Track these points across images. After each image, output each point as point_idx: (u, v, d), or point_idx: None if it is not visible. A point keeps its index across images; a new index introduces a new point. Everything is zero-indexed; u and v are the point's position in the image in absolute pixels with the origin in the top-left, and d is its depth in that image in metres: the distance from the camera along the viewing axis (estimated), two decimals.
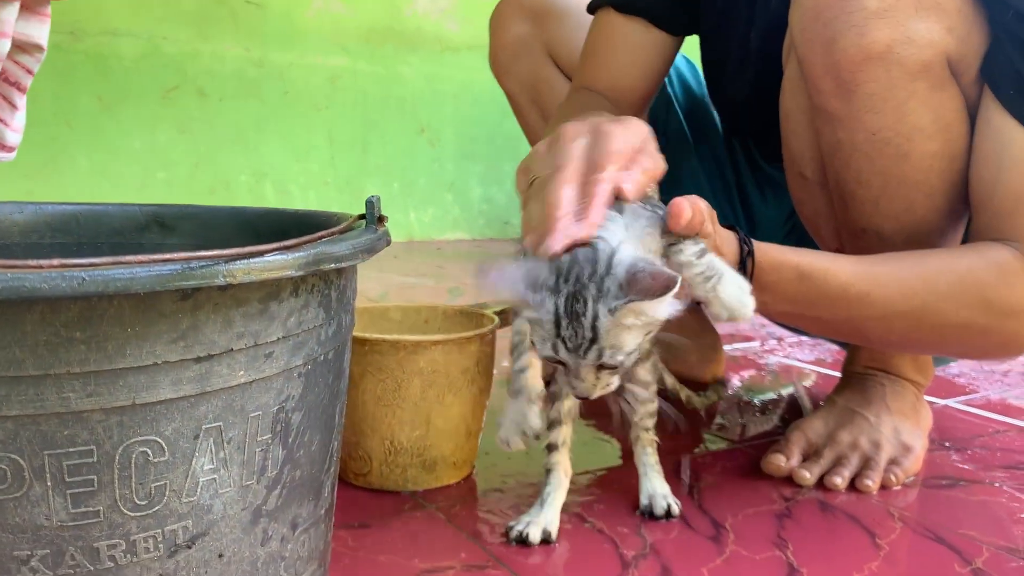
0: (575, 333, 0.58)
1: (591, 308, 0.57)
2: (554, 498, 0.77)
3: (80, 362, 0.40)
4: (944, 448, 1.05)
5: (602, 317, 0.57)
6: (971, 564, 0.75)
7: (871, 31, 0.71)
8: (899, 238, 0.80)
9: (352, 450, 0.85)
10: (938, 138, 0.76)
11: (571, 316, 0.58)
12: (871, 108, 0.75)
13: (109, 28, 2.55)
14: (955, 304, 0.75)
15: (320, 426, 0.53)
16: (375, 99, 3.03)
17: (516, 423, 0.72)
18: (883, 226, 0.80)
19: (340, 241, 0.49)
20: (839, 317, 0.77)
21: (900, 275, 0.76)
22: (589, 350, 0.58)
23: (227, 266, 0.41)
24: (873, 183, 0.78)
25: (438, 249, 2.98)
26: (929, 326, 0.76)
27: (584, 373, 0.61)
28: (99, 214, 0.71)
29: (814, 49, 0.75)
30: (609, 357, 0.59)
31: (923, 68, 0.73)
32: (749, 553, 0.75)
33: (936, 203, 0.79)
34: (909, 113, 0.75)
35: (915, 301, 0.74)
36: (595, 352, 0.58)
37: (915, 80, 0.73)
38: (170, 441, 0.43)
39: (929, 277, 0.75)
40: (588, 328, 0.58)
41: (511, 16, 1.17)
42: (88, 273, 0.37)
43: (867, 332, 0.79)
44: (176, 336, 0.42)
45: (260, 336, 0.46)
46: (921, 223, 0.80)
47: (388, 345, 0.81)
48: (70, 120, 2.52)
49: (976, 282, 0.74)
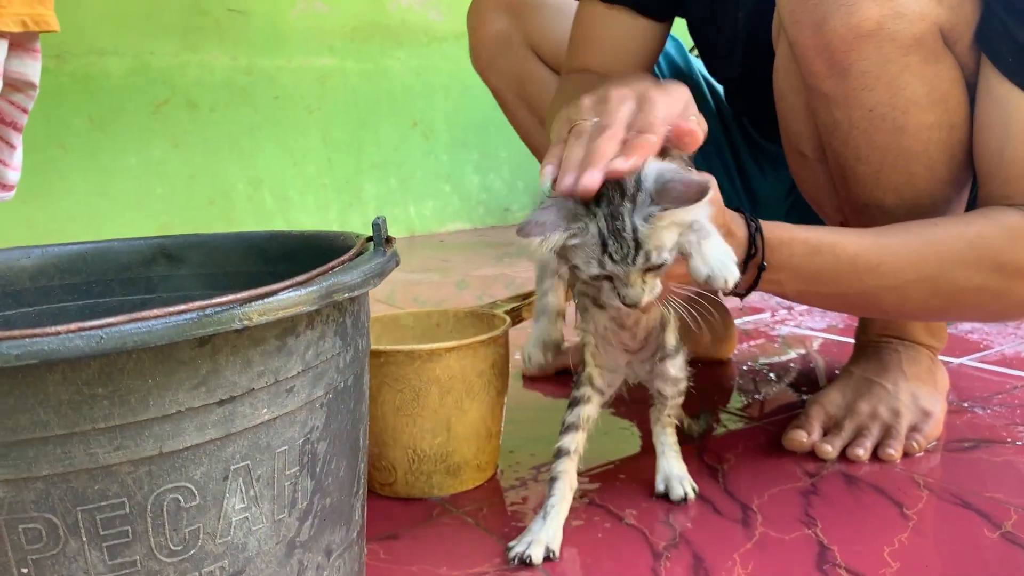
0: (620, 246, 0.61)
1: (629, 222, 0.61)
2: (558, 511, 0.75)
3: (104, 417, 0.40)
4: (963, 409, 1.05)
5: (640, 227, 0.61)
6: (1001, 528, 0.75)
7: (860, 9, 0.71)
8: (902, 210, 0.80)
9: (376, 461, 0.86)
10: (935, 109, 0.75)
11: (613, 233, 0.61)
12: (865, 86, 0.74)
13: (94, 48, 2.54)
14: (968, 269, 0.74)
15: (346, 451, 0.53)
16: (366, 96, 3.02)
17: (538, 338, 0.76)
18: (885, 199, 0.80)
19: (351, 269, 0.49)
20: (854, 290, 0.77)
21: (910, 244, 0.75)
22: (636, 256, 0.61)
23: (243, 309, 0.41)
24: (872, 158, 0.78)
25: (440, 241, 2.98)
26: (945, 293, 0.76)
27: (633, 279, 0.63)
28: (105, 251, 0.71)
29: (804, 31, 0.74)
30: (656, 258, 0.62)
31: (915, 41, 0.72)
32: (779, 534, 0.76)
33: (937, 173, 0.78)
34: (904, 87, 0.74)
35: (927, 269, 0.74)
36: (642, 256, 0.61)
37: (908, 54, 0.73)
38: (200, 485, 0.44)
39: (939, 244, 0.75)
40: (631, 239, 0.61)
41: (489, 11, 1.16)
42: (105, 332, 0.37)
43: (883, 304, 0.79)
44: (197, 382, 0.42)
45: (280, 372, 0.46)
46: (923, 194, 0.79)
47: (403, 355, 0.81)
48: (63, 142, 2.51)
49: (987, 246, 0.74)
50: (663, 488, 0.83)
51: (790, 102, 0.84)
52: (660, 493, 0.83)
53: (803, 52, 0.76)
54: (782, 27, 0.79)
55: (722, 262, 0.63)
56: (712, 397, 1.14)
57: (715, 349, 1.28)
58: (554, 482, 0.76)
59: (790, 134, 0.87)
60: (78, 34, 2.50)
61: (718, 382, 1.21)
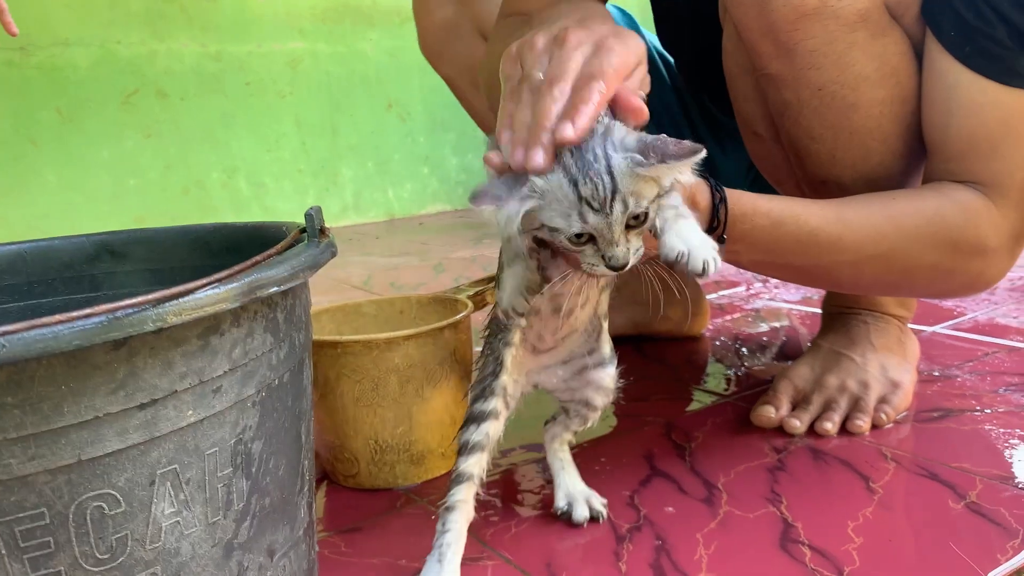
0: (595, 188, 0.55)
1: (602, 154, 0.55)
2: (455, 550, 0.66)
3: (16, 427, 0.39)
4: (934, 378, 1.05)
5: (617, 162, 0.55)
6: (965, 498, 0.75)
7: None
8: (860, 185, 0.79)
9: (338, 453, 0.85)
10: (885, 84, 0.74)
11: (584, 172, 0.55)
12: (813, 65, 0.73)
13: (59, 39, 2.50)
14: (923, 246, 0.74)
15: (285, 450, 0.52)
16: (339, 79, 2.99)
17: (517, 286, 0.66)
18: (842, 176, 0.79)
19: (279, 263, 0.48)
20: (811, 263, 0.76)
21: (871, 219, 0.74)
22: (614, 202, 0.55)
23: (157, 310, 0.40)
24: (826, 137, 0.77)
25: (420, 224, 2.96)
26: (899, 269, 0.75)
27: (617, 235, 0.57)
28: (46, 250, 0.69)
29: (748, 13, 0.73)
30: (634, 205, 0.56)
31: (860, 17, 0.71)
32: (743, 512, 0.75)
33: (892, 147, 0.77)
34: (852, 63, 0.73)
35: (885, 244, 0.73)
36: (620, 203, 0.55)
37: (854, 31, 0.71)
38: (125, 491, 0.43)
39: (898, 220, 0.73)
40: (606, 175, 0.55)
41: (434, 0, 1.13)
42: (6, 339, 0.36)
43: (839, 277, 0.78)
44: (114, 386, 0.41)
45: (204, 373, 0.45)
46: (879, 168, 0.78)
47: (360, 345, 0.80)
48: (33, 137, 2.48)
49: (943, 223, 0.73)
50: (564, 505, 0.76)
51: (740, 83, 0.83)
52: (562, 511, 0.75)
53: (748, 34, 0.74)
54: (726, 9, 0.77)
55: (701, 242, 0.57)
56: (683, 375, 1.13)
57: (687, 325, 1.27)
58: (449, 513, 0.67)
59: (743, 115, 0.86)
60: (42, 25, 2.46)
61: (690, 359, 1.20)
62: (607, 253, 0.57)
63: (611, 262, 0.58)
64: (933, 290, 0.86)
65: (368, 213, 3.08)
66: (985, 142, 0.72)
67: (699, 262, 0.56)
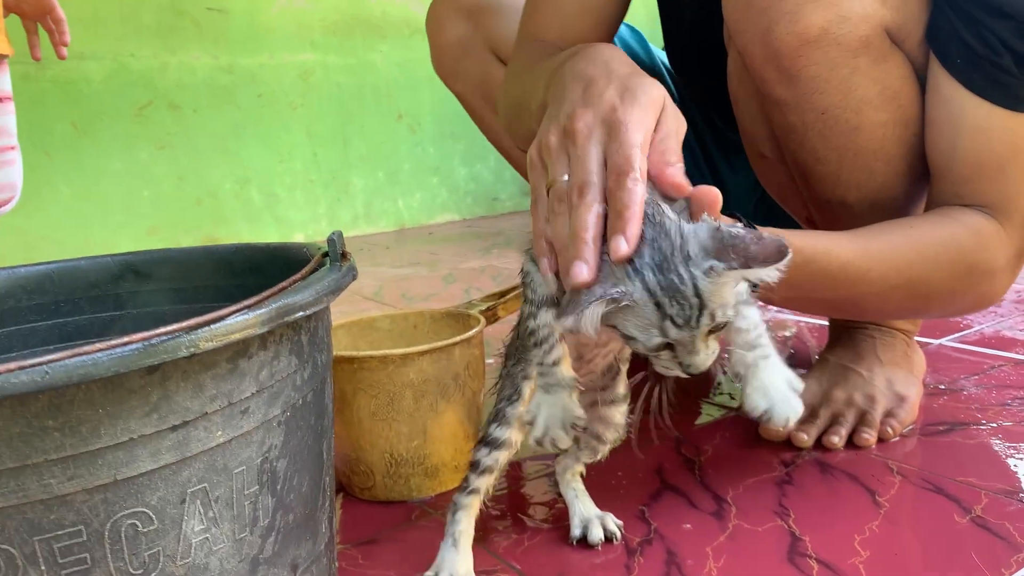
0: (682, 308, 0.53)
1: (688, 277, 0.52)
2: (467, 537, 0.71)
3: (56, 448, 0.41)
4: (940, 391, 1.06)
5: (701, 282, 0.52)
6: (970, 512, 0.76)
7: (804, 16, 0.71)
8: (865, 205, 0.80)
9: (354, 466, 0.86)
10: (888, 107, 0.76)
11: (670, 293, 0.53)
12: (816, 89, 0.75)
13: (74, 52, 2.52)
14: (943, 272, 0.76)
15: (308, 467, 0.54)
16: (350, 91, 3.01)
17: (559, 418, 0.63)
18: (847, 196, 0.81)
19: (304, 288, 0.50)
20: (839, 296, 0.77)
21: (895, 250, 0.76)
22: (700, 318, 0.53)
23: (190, 336, 0.42)
24: (830, 159, 0.79)
25: (430, 234, 2.98)
26: (921, 296, 0.77)
27: (699, 345, 0.55)
28: (72, 270, 0.71)
29: (751, 40, 0.74)
30: (721, 316, 0.54)
31: (862, 43, 0.72)
32: (751, 526, 0.77)
33: (896, 168, 0.79)
34: (855, 88, 0.74)
35: (909, 273, 0.75)
36: (707, 317, 0.53)
37: (856, 56, 0.73)
38: (157, 509, 0.44)
39: (920, 248, 0.75)
40: (692, 297, 0.53)
41: (447, 17, 1.15)
42: (50, 367, 0.38)
43: (864, 307, 0.80)
44: (148, 409, 0.43)
45: (233, 395, 0.47)
46: (884, 188, 0.80)
47: (376, 361, 0.82)
48: (47, 149, 2.51)
49: (960, 248, 0.75)
50: (580, 532, 0.76)
51: (745, 106, 0.85)
52: (578, 539, 0.76)
53: (752, 60, 0.76)
54: (730, 36, 0.79)
55: (783, 396, 0.56)
56: (692, 387, 1.15)
57: None
58: (459, 510, 0.71)
59: (749, 136, 0.88)
60: None
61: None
62: (686, 361, 0.56)
63: (689, 369, 0.56)
64: (946, 311, 0.88)
65: (378, 223, 3.10)
66: (991, 166, 0.74)
67: (781, 420, 0.56)
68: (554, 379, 0.63)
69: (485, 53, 1.14)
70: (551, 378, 0.63)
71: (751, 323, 0.57)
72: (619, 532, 0.76)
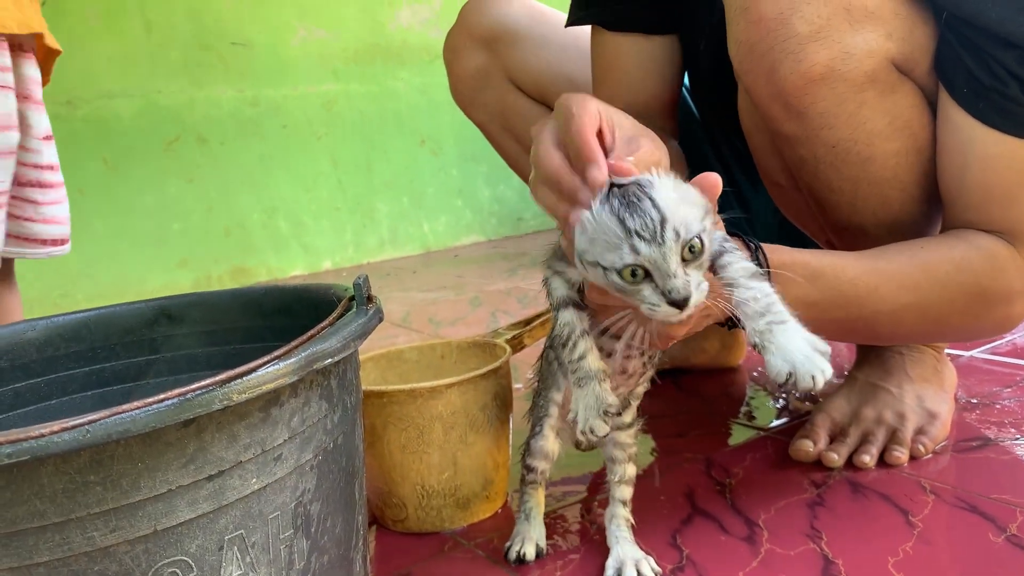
0: (643, 220, 0.54)
1: (644, 194, 0.55)
2: (538, 511, 0.81)
3: (98, 502, 0.42)
4: (972, 405, 1.05)
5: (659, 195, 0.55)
6: (1005, 531, 0.76)
7: (808, 56, 0.71)
8: (882, 231, 0.81)
9: (386, 499, 0.87)
10: (899, 136, 0.76)
11: (630, 207, 0.55)
12: (825, 124, 0.75)
13: (103, 91, 2.59)
14: (954, 293, 0.75)
15: (341, 508, 0.55)
16: (372, 118, 3.05)
17: (594, 408, 0.65)
18: (864, 223, 0.81)
19: (332, 335, 0.51)
20: (851, 315, 0.77)
21: (903, 268, 0.76)
22: (664, 231, 0.54)
23: (223, 390, 0.43)
24: (844, 189, 0.79)
25: (455, 256, 3.00)
26: (933, 318, 0.77)
27: (674, 266, 0.55)
28: (107, 316, 0.74)
29: (756, 80, 0.75)
30: (686, 231, 0.55)
31: (868, 78, 0.73)
32: (784, 550, 0.77)
33: (912, 194, 0.79)
34: (864, 121, 0.75)
35: (919, 293, 0.75)
36: (671, 230, 0.54)
37: (863, 91, 0.73)
38: (196, 557, 0.46)
39: (929, 268, 0.75)
40: (652, 209, 0.54)
41: (464, 47, 1.16)
42: (91, 427, 0.39)
43: (878, 329, 0.79)
44: (185, 461, 0.44)
45: (266, 443, 0.48)
46: (900, 214, 0.80)
47: (405, 395, 0.83)
48: (81, 187, 2.56)
49: (971, 270, 0.75)
50: (612, 574, 0.74)
51: (757, 139, 0.85)
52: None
53: (759, 99, 0.76)
54: (737, 75, 0.79)
55: (806, 355, 0.55)
56: (720, 408, 1.15)
57: (723, 356, 1.29)
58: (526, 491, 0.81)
59: (763, 167, 0.88)
60: (87, 79, 2.55)
61: (726, 391, 1.22)
62: (666, 286, 0.55)
63: (672, 295, 0.55)
64: (964, 334, 0.87)
65: (404, 247, 3.13)
66: (1002, 192, 0.74)
67: (808, 379, 0.55)
68: (583, 372, 0.65)
69: (503, 82, 1.15)
70: (580, 372, 0.65)
71: (761, 292, 0.58)
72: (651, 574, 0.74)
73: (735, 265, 0.59)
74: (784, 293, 0.70)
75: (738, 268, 0.59)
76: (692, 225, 0.55)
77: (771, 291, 0.59)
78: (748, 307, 0.58)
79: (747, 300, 0.58)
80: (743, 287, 0.58)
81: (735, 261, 0.60)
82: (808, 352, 0.55)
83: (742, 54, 0.75)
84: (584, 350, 0.65)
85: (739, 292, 0.58)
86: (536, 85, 1.12)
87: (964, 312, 0.77)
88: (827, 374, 0.55)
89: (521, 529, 0.81)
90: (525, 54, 1.11)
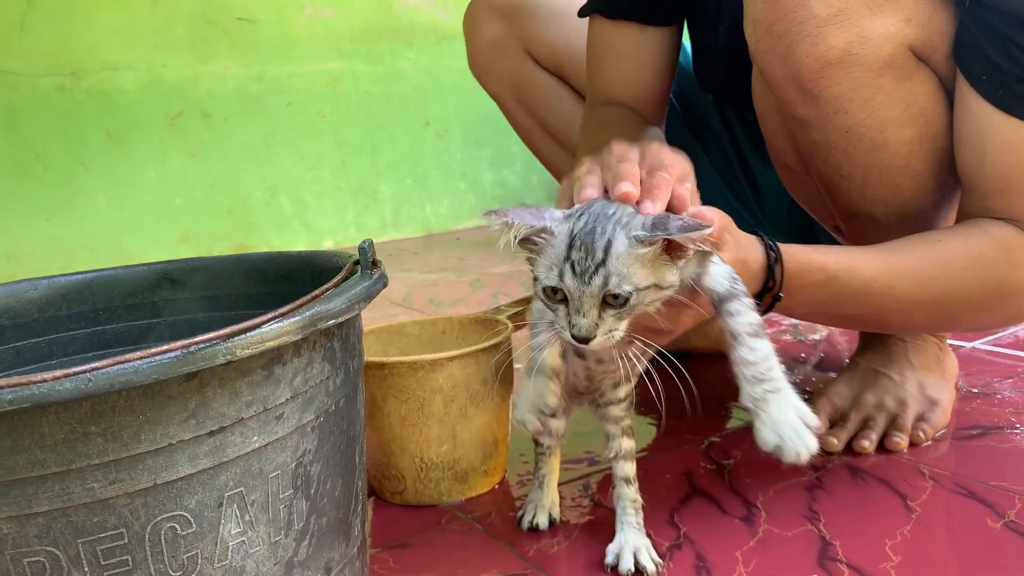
0: (585, 256, 0.56)
1: (608, 232, 0.56)
2: (551, 479, 0.81)
3: (99, 453, 0.42)
4: (973, 395, 1.05)
5: (617, 242, 0.55)
6: (1004, 517, 0.76)
7: (825, 38, 0.70)
8: (892, 219, 0.80)
9: (385, 470, 0.87)
10: (913, 124, 0.75)
11: (584, 240, 0.56)
12: (839, 109, 0.74)
13: (108, 64, 2.57)
14: (970, 287, 0.75)
15: (341, 471, 0.55)
16: (377, 98, 3.04)
17: (533, 402, 0.68)
18: (874, 210, 0.80)
19: (336, 296, 0.51)
20: (863, 312, 0.77)
21: (919, 265, 0.75)
22: (595, 274, 0.55)
23: (226, 344, 0.43)
24: (855, 175, 0.78)
25: (457, 239, 3.00)
26: (947, 311, 0.76)
27: (587, 306, 0.56)
28: (110, 279, 0.73)
29: (772, 62, 0.74)
30: (615, 285, 0.55)
31: (885, 63, 0.72)
32: (781, 531, 0.77)
33: (923, 183, 0.78)
34: (879, 107, 0.74)
35: (934, 289, 0.74)
36: (601, 277, 0.55)
37: (879, 76, 0.72)
38: (195, 513, 0.46)
39: (945, 263, 0.75)
40: (600, 250, 0.55)
41: (484, 18, 1.17)
42: (93, 375, 0.39)
43: (888, 322, 0.79)
44: (187, 415, 0.44)
45: (268, 401, 0.48)
46: (911, 202, 0.79)
47: (406, 367, 0.83)
48: (83, 159, 2.56)
49: (988, 263, 0.74)
50: (612, 560, 0.73)
51: (770, 122, 0.85)
52: (611, 566, 0.72)
53: (774, 81, 0.76)
54: (752, 56, 0.78)
55: (795, 430, 0.57)
56: (721, 392, 1.14)
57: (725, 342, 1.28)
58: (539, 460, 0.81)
59: (775, 150, 0.88)
60: (91, 51, 2.54)
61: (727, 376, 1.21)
62: (572, 320, 0.58)
63: (572, 330, 0.57)
64: (977, 326, 0.88)
65: (406, 229, 3.12)
66: (1020, 180, 0.73)
67: (792, 455, 0.57)
68: (537, 364, 0.67)
69: (520, 53, 1.16)
70: (534, 362, 0.67)
71: (760, 355, 0.59)
72: (652, 567, 0.71)
73: (740, 319, 0.60)
74: (795, 294, 0.70)
75: (743, 323, 0.60)
76: (628, 282, 0.56)
77: (771, 352, 0.60)
78: (747, 371, 0.59)
79: (747, 363, 0.59)
80: (745, 347, 0.59)
81: (742, 313, 0.60)
82: (798, 428, 0.57)
83: (758, 34, 0.74)
84: (543, 341, 0.65)
85: (740, 352, 0.59)
86: (552, 57, 1.12)
87: (979, 305, 0.76)
88: (812, 450, 0.57)
89: (534, 496, 0.81)
90: (543, 26, 1.11)
